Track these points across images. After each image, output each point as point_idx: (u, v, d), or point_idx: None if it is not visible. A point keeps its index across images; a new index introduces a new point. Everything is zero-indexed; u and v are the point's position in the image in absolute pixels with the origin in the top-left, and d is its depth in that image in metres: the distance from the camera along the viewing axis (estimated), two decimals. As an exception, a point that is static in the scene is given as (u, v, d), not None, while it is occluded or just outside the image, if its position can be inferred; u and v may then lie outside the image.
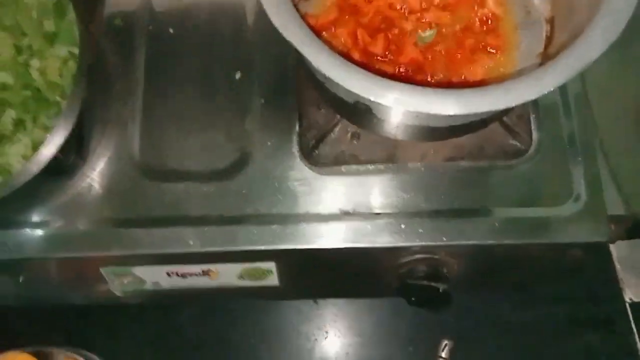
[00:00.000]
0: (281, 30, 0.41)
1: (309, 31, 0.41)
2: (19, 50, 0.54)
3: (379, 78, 0.40)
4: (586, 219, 0.56)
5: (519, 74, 0.55)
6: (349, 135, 0.59)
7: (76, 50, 0.54)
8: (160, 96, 0.62)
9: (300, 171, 0.59)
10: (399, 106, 0.39)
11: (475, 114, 0.40)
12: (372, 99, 0.39)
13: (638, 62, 0.78)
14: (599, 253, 0.56)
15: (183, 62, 0.63)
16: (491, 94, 0.39)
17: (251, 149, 0.59)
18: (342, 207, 0.57)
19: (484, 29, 0.57)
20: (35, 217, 0.56)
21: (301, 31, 0.41)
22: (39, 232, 0.56)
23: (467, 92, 0.39)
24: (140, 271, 0.59)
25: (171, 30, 0.64)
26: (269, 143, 0.60)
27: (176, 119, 0.61)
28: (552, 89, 0.39)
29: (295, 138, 0.60)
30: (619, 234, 0.58)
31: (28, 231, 0.56)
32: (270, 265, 0.58)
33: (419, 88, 0.39)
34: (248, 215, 0.56)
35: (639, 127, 0.79)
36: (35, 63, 0.53)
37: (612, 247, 0.63)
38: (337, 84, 0.40)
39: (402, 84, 0.39)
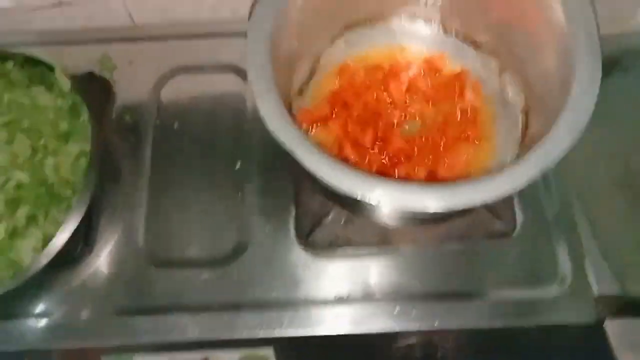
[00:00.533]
0: (275, 134, 0.45)
1: (300, 134, 0.45)
2: (35, 150, 0.58)
3: (365, 176, 0.43)
4: (572, 301, 0.58)
5: (498, 163, 0.59)
6: (343, 220, 0.62)
7: (88, 148, 0.59)
8: (165, 186, 0.66)
9: (297, 255, 0.61)
10: (383, 203, 0.42)
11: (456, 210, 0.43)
12: (358, 197, 0.42)
13: (618, 131, 0.82)
14: (593, 332, 0.57)
15: (186, 154, 0.67)
16: (469, 191, 0.42)
17: (250, 235, 0.62)
18: (338, 293, 0.59)
19: (464, 120, 0.62)
20: (40, 308, 0.59)
21: (293, 134, 0.45)
22: (43, 322, 0.58)
23: (447, 189, 0.42)
24: (141, 359, 0.60)
25: (176, 124, 0.69)
26: (266, 229, 0.63)
27: (179, 207, 0.65)
28: (525, 185, 0.42)
29: (292, 223, 0.63)
30: (610, 312, 0.59)
31: (32, 321, 0.58)
32: (269, 351, 0.59)
33: (402, 185, 0.43)
34: (246, 301, 0.58)
35: (623, 197, 0.82)
36: (49, 161, 0.57)
37: (606, 325, 0.63)
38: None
39: (386, 181, 0.43)
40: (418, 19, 0.66)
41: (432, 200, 0.42)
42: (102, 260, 0.62)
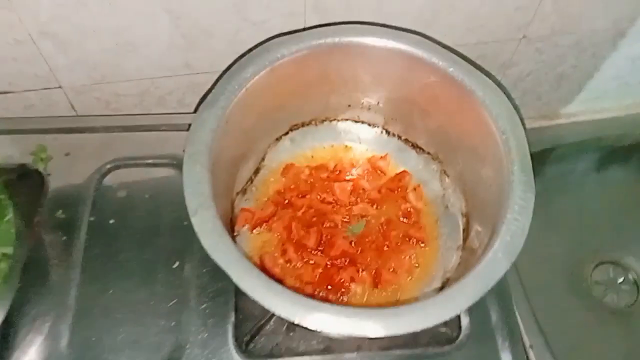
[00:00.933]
0: (210, 251, 0.43)
1: (236, 251, 0.44)
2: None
3: (302, 300, 0.42)
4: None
5: (441, 266, 0.59)
6: (285, 327, 0.59)
7: (10, 251, 0.55)
8: (96, 288, 0.61)
9: (235, 366, 0.58)
10: (321, 329, 0.41)
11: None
12: (295, 321, 0.41)
13: (563, 227, 0.85)
14: None
15: (122, 253, 0.64)
16: (410, 317, 0.41)
17: (185, 341, 0.58)
18: (278, 407, 0.56)
19: (408, 222, 0.62)
20: None
21: (228, 253, 0.43)
22: None
23: (388, 315, 0.41)
24: None
25: (112, 220, 0.66)
26: (204, 335, 0.59)
27: (111, 311, 0.60)
28: (465, 308, 0.42)
29: (231, 330, 0.59)
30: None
31: None
32: None
33: (341, 311, 0.41)
34: (179, 420, 0.54)
35: (569, 292, 0.84)
36: (-34, 267, 0.52)
37: None
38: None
39: (324, 307, 0.41)
40: (362, 121, 0.67)
41: (372, 327, 0.41)
42: (18, 373, 0.56)
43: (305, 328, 0.55)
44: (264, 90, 0.57)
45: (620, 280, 0.86)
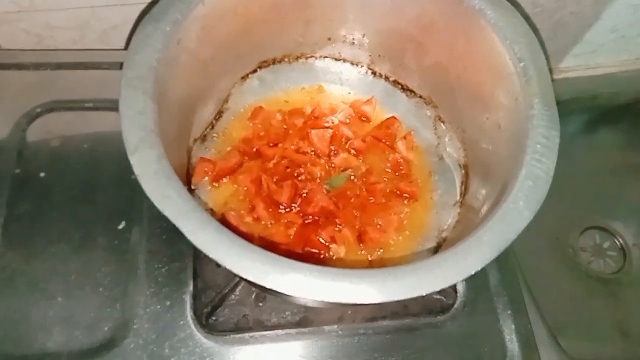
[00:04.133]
0: (153, 199, 0.33)
1: (189, 199, 0.34)
2: None
3: (275, 259, 0.32)
4: (524, 385, 0.49)
5: (436, 224, 0.50)
6: (253, 297, 0.50)
7: None
8: (22, 254, 0.51)
9: (195, 342, 0.49)
10: (299, 294, 0.31)
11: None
12: (267, 285, 0.31)
13: (549, 192, 0.80)
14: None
15: (54, 212, 0.53)
16: (412, 278, 0.32)
17: (133, 316, 0.49)
18: (245, 389, 0.47)
19: (397, 174, 0.53)
20: None
21: (179, 200, 0.33)
22: None
23: (386, 276, 0.32)
24: None
25: (42, 173, 0.54)
26: (155, 308, 0.50)
27: (41, 282, 0.50)
28: (481, 267, 0.33)
29: (188, 300, 0.50)
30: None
31: None
32: None
33: (327, 271, 0.32)
34: (123, 411, 0.44)
35: (554, 260, 0.79)
36: None
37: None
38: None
39: (304, 267, 0.32)
40: (344, 59, 0.57)
41: (365, 292, 0.32)
42: None
43: (279, 295, 0.47)
44: (227, 10, 0.46)
45: (606, 245, 0.81)
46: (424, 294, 0.32)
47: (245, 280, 0.47)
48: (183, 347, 0.48)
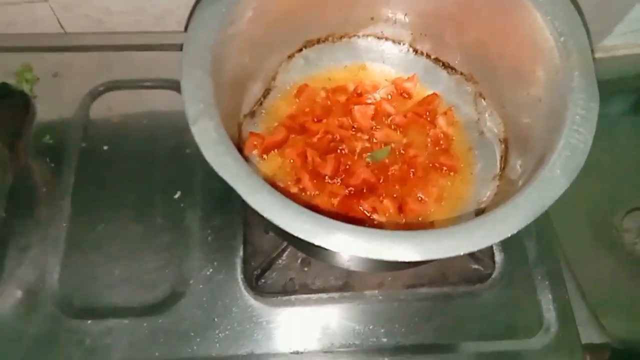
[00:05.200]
0: (213, 165, 0.36)
1: (244, 166, 0.37)
2: None
3: (324, 220, 0.35)
4: (559, 352, 0.51)
5: (475, 197, 0.52)
6: (299, 262, 0.54)
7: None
8: (89, 220, 0.56)
9: (244, 303, 0.52)
10: (347, 251, 0.34)
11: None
12: (316, 243, 0.34)
13: (594, 173, 0.79)
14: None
15: (116, 182, 0.58)
16: (450, 239, 0.35)
17: (188, 277, 0.53)
18: (292, 346, 0.50)
19: (437, 149, 0.55)
20: None
21: (235, 166, 0.37)
22: None
23: (423, 237, 0.34)
24: None
25: (105, 147, 0.59)
26: (209, 271, 0.54)
27: (105, 245, 0.55)
28: (515, 232, 0.35)
29: (239, 265, 0.54)
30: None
31: None
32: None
33: (369, 231, 0.35)
34: (183, 358, 0.49)
35: (597, 240, 0.78)
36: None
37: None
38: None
39: (349, 228, 0.35)
40: (386, 38, 0.59)
41: (406, 250, 0.34)
42: (7, 309, 0.51)
43: (324, 259, 0.50)
44: (276, -8, 0.49)
45: (652, 227, 0.80)
46: (461, 254, 0.34)
47: (294, 243, 0.51)
48: (234, 307, 0.52)
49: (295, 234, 0.34)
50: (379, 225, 0.50)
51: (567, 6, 0.43)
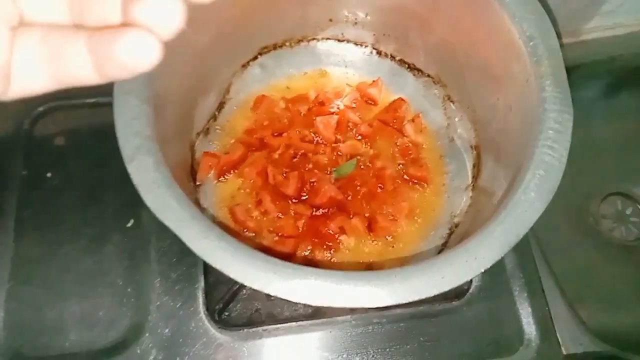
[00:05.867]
0: (154, 210, 0.32)
1: (190, 208, 0.33)
2: None
3: (280, 265, 0.32)
4: (541, 367, 0.49)
5: (448, 209, 0.49)
6: (264, 291, 0.50)
7: None
8: (34, 255, 0.51)
9: (209, 338, 0.49)
10: (306, 301, 0.31)
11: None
12: (272, 293, 0.31)
13: (568, 160, 0.77)
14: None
15: (63, 212, 0.53)
16: (420, 279, 0.31)
17: (147, 313, 0.49)
18: (262, 382, 0.47)
19: (406, 159, 0.52)
20: None
21: (179, 208, 0.33)
22: None
23: (389, 280, 0.31)
24: None
25: (49, 174, 0.54)
26: (169, 305, 0.50)
27: (54, 282, 0.50)
28: (492, 264, 0.32)
29: (201, 296, 0.50)
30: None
31: None
32: None
33: (332, 275, 0.31)
34: (143, 408, 0.45)
35: (573, 227, 0.77)
36: None
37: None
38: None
39: (309, 272, 0.31)
40: (347, 40, 0.55)
41: (374, 294, 0.31)
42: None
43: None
44: (222, -2, 0.44)
45: (629, 212, 0.79)
46: (435, 294, 0.31)
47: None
48: (198, 343, 0.48)
49: (249, 285, 0.31)
50: (347, 249, 0.47)
51: (535, 8, 0.40)
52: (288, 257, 0.47)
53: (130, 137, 0.34)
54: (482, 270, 0.32)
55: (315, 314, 0.50)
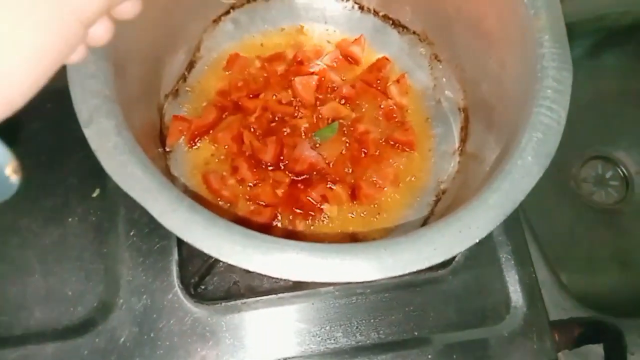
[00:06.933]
0: (116, 179, 0.29)
1: (157, 176, 0.30)
2: None
3: (258, 238, 0.29)
4: (528, 336, 0.48)
5: (435, 175, 0.47)
6: (243, 262, 0.47)
7: None
8: (-8, 230, 0.47)
9: (184, 313, 0.46)
10: (289, 278, 0.28)
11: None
12: (251, 269, 0.28)
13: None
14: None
15: (23, 183, 0.48)
16: (410, 252, 0.29)
17: (117, 288, 0.46)
18: (242, 358, 0.45)
19: (390, 122, 0.49)
20: None
21: (143, 176, 0.29)
22: None
23: (380, 251, 0.29)
24: None
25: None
26: (140, 279, 0.47)
27: (16, 256, 0.47)
28: (486, 234, 0.30)
29: (174, 270, 0.47)
30: (567, 341, 0.51)
31: None
32: None
33: (315, 248, 0.29)
34: (115, 386, 0.43)
35: (554, 191, 0.76)
36: None
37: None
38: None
39: (290, 245, 0.29)
40: (327, -8, 0.51)
41: (361, 268, 0.28)
42: None
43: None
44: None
45: (609, 175, 0.79)
46: (426, 267, 0.29)
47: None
48: (173, 319, 0.46)
49: (225, 261, 0.28)
50: (329, 218, 0.45)
51: (534, -47, 0.36)
52: (266, 228, 0.44)
53: (87, 97, 0.31)
54: (477, 241, 0.30)
55: (297, 286, 0.48)
